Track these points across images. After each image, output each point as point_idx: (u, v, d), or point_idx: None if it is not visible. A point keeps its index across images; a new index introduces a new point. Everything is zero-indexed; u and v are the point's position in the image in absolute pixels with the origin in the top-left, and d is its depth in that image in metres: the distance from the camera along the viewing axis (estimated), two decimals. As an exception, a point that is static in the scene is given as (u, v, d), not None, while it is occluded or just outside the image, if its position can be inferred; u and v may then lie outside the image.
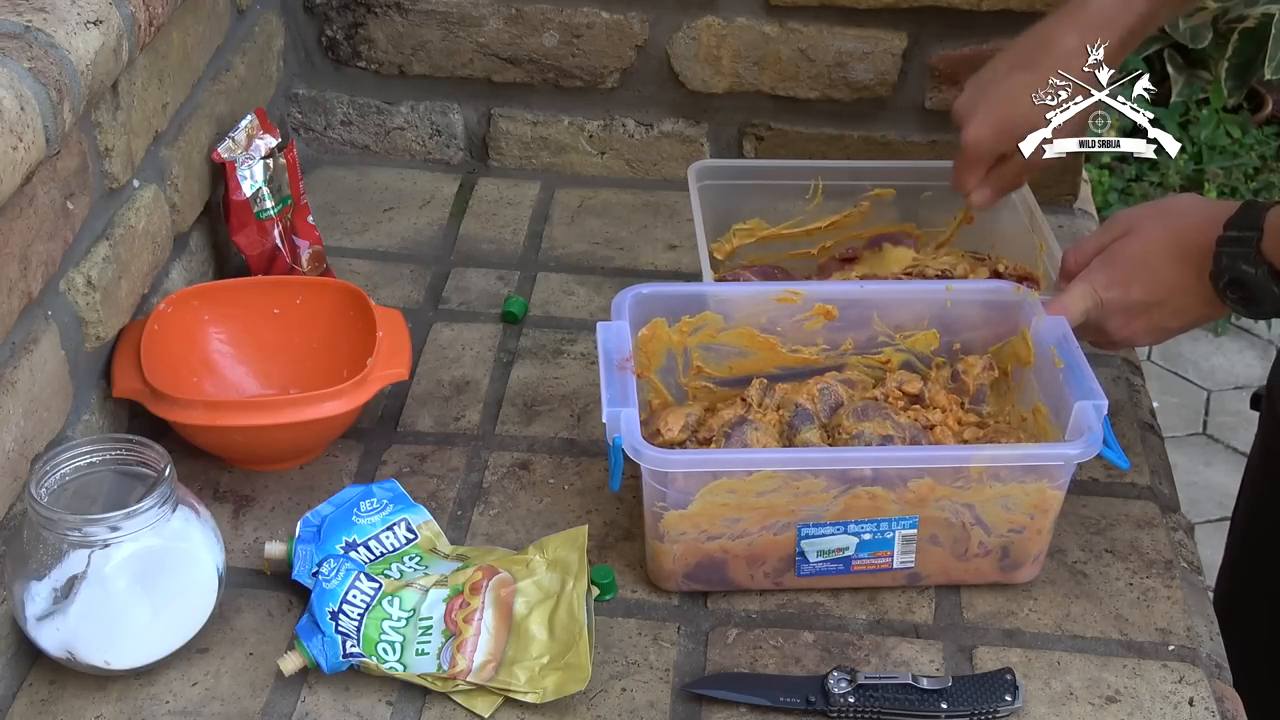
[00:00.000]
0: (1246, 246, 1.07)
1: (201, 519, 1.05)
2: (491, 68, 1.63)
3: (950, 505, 1.07)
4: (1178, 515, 1.22)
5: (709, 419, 1.16)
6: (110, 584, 0.99)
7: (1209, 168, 3.42)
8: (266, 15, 1.56)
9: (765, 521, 1.07)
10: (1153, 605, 1.12)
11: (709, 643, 1.08)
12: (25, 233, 1.03)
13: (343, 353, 1.24)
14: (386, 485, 1.17)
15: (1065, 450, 1.06)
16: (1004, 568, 1.12)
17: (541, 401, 1.32)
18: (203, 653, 1.06)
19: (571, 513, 1.19)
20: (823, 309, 1.21)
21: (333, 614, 1.03)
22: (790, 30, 1.57)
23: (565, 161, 1.68)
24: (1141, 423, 1.31)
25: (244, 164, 1.36)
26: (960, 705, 1.01)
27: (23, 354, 1.04)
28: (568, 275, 1.50)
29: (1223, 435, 2.97)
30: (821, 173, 1.43)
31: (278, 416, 1.17)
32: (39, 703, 1.03)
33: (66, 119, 1.02)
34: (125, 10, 1.12)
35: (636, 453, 1.04)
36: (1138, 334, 1.17)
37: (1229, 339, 3.21)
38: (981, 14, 1.52)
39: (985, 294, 1.22)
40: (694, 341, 1.21)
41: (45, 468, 1.01)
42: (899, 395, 1.19)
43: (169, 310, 1.24)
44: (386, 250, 1.54)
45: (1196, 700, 1.04)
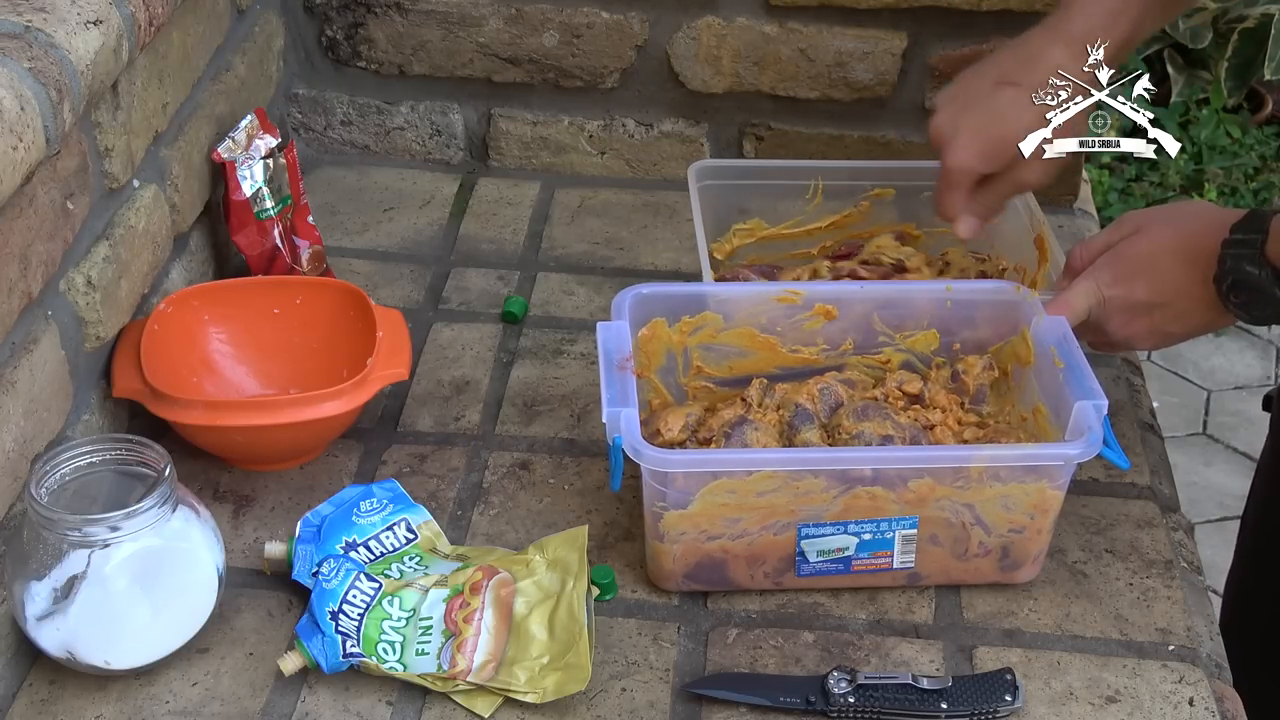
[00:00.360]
0: (1251, 249, 1.08)
1: (201, 519, 1.05)
2: (491, 68, 1.63)
3: (950, 505, 1.07)
4: (1178, 515, 1.22)
5: (709, 419, 1.16)
6: (110, 584, 0.99)
7: (1209, 168, 3.42)
8: (266, 15, 1.56)
9: (765, 521, 1.07)
10: (1153, 605, 1.12)
11: (709, 643, 1.08)
12: (25, 233, 1.03)
13: (343, 353, 1.24)
14: (386, 485, 1.17)
15: (1065, 450, 1.06)
16: (1004, 568, 1.12)
17: (541, 401, 1.32)
18: (203, 653, 1.06)
19: (571, 513, 1.19)
20: (823, 309, 1.21)
21: (333, 614, 1.03)
22: (790, 30, 1.57)
23: (565, 161, 1.68)
24: (1141, 423, 1.31)
25: (244, 164, 1.36)
26: (960, 705, 1.01)
27: (23, 354, 1.04)
28: (568, 275, 1.50)
29: (1223, 435, 2.97)
30: (821, 173, 1.43)
31: (278, 416, 1.17)
32: (39, 703, 1.03)
33: (66, 119, 1.02)
34: (125, 10, 1.12)
35: (636, 453, 1.04)
36: (1137, 335, 1.17)
37: (1229, 339, 3.21)
38: (981, 14, 1.52)
39: (985, 294, 1.22)
40: (694, 341, 1.21)
41: (45, 468, 1.01)
42: (899, 395, 1.19)
43: (169, 310, 1.24)
44: (386, 250, 1.54)
45: (1196, 700, 1.04)
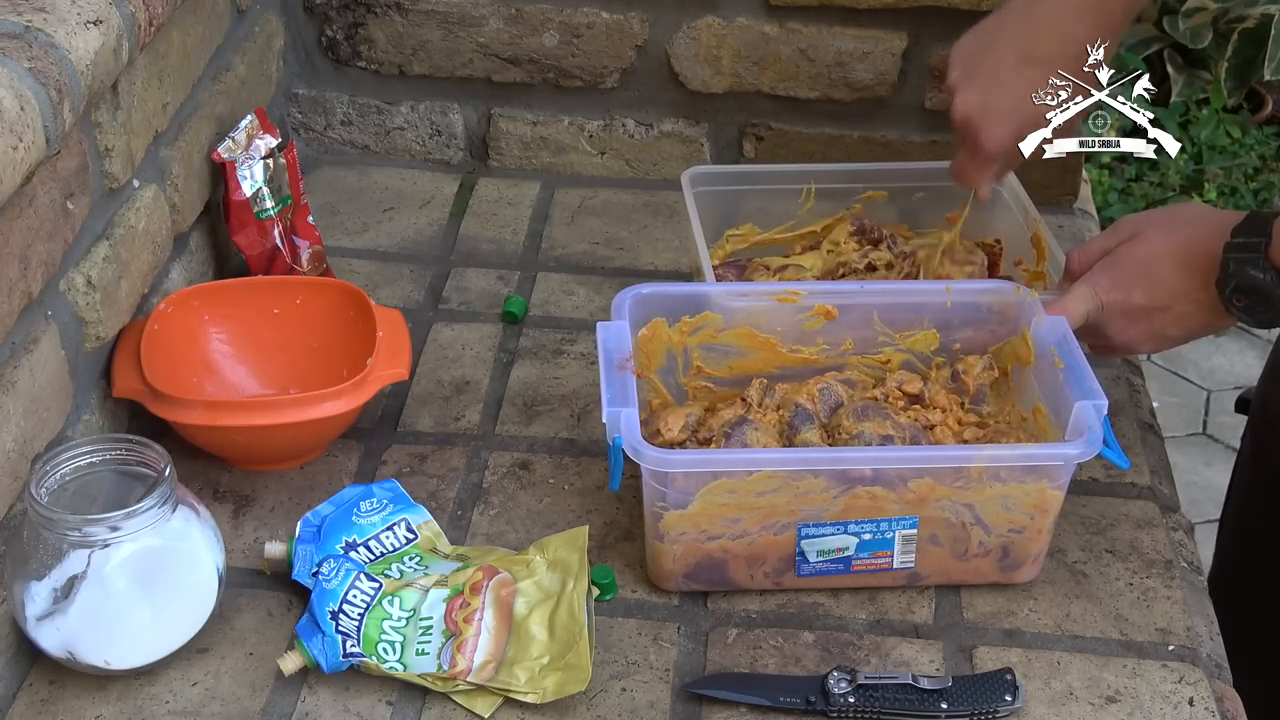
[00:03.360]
0: (1254, 252, 1.07)
1: (201, 519, 1.05)
2: (491, 68, 1.63)
3: (950, 505, 1.07)
4: (1178, 515, 1.22)
5: (709, 419, 1.16)
6: (110, 584, 0.99)
7: (1209, 168, 3.42)
8: (266, 15, 1.56)
9: (765, 521, 1.07)
10: (1153, 605, 1.12)
11: (709, 643, 1.08)
12: (25, 233, 1.03)
13: (343, 353, 1.24)
14: (386, 485, 1.17)
15: (1065, 450, 1.06)
16: (1004, 568, 1.12)
17: (541, 401, 1.32)
18: (203, 653, 1.06)
19: (571, 513, 1.19)
20: (823, 309, 1.21)
21: (333, 614, 1.03)
22: (790, 30, 1.57)
23: (565, 161, 1.68)
24: (1141, 423, 1.31)
25: (244, 164, 1.36)
26: (960, 705, 1.01)
27: (23, 354, 1.04)
28: (568, 275, 1.50)
29: (1223, 435, 2.97)
30: (814, 176, 1.43)
31: (278, 416, 1.17)
32: (39, 703, 1.03)
33: (66, 119, 1.02)
34: (125, 10, 1.12)
35: (637, 453, 1.04)
36: (1137, 340, 1.17)
37: (1229, 339, 3.21)
38: (982, 14, 1.50)
39: (985, 294, 1.22)
40: (694, 341, 1.21)
41: (45, 468, 1.01)
42: (899, 395, 1.19)
43: (169, 310, 1.24)
44: (386, 250, 1.54)
45: (1196, 700, 1.04)
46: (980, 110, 1.21)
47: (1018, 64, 1.19)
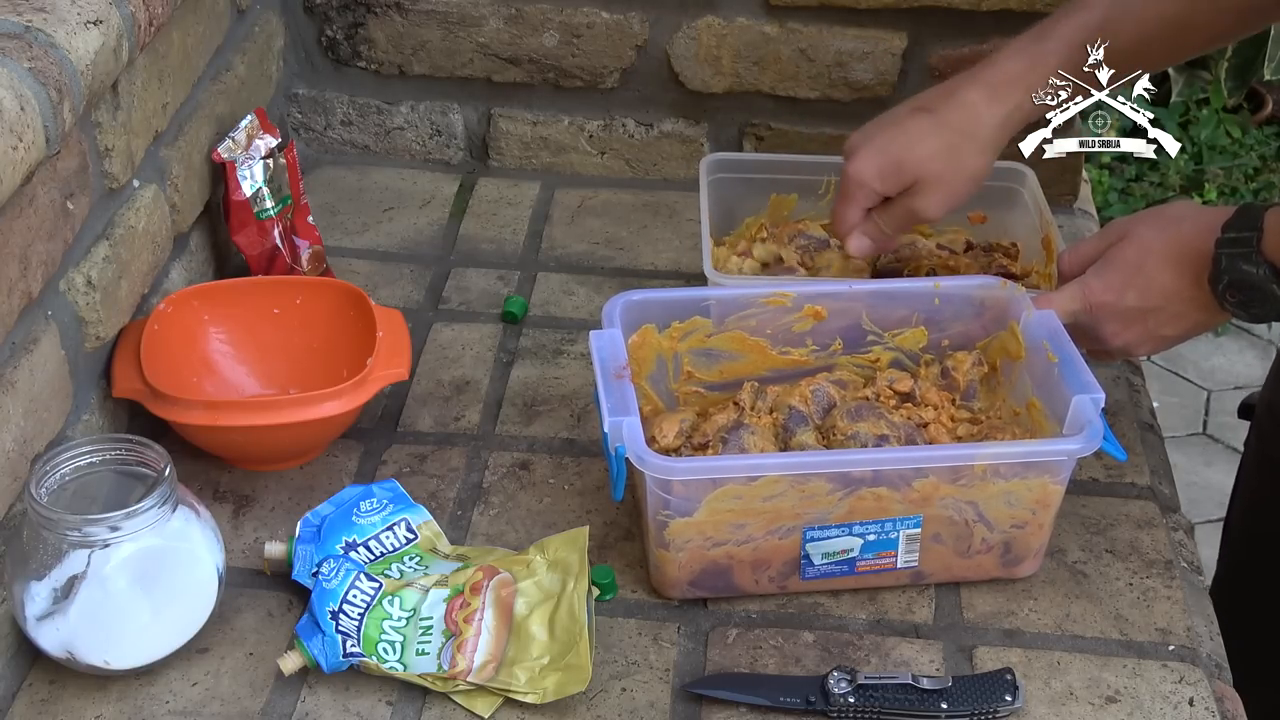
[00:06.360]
0: (1246, 247, 1.07)
1: (201, 519, 1.05)
2: (491, 68, 1.63)
3: (954, 503, 1.07)
4: (1178, 515, 1.22)
5: (702, 424, 1.16)
6: (110, 584, 0.99)
7: (1209, 168, 3.42)
8: (266, 15, 1.56)
9: (771, 526, 1.07)
10: (1153, 605, 1.12)
11: (709, 643, 1.08)
12: (25, 233, 1.03)
13: (343, 353, 1.24)
14: (386, 485, 1.17)
15: (1068, 445, 1.06)
16: (1006, 563, 1.12)
17: (541, 401, 1.32)
18: (203, 653, 1.06)
19: (571, 513, 1.19)
20: (812, 310, 1.21)
21: (333, 614, 1.03)
22: (790, 30, 1.57)
23: (565, 161, 1.68)
24: (1141, 423, 1.31)
25: (244, 164, 1.36)
26: (960, 705, 1.01)
27: (23, 354, 1.04)
28: (568, 275, 1.50)
29: (1223, 435, 2.97)
30: (833, 169, 1.42)
31: (278, 416, 1.17)
32: (39, 703, 1.03)
33: (66, 119, 1.02)
34: (125, 10, 1.12)
35: (641, 462, 1.03)
36: (1133, 342, 1.17)
37: (1229, 339, 3.21)
38: (981, 14, 1.52)
39: (972, 289, 1.22)
40: (684, 346, 1.21)
41: (45, 468, 1.01)
42: (890, 394, 1.19)
43: (169, 310, 1.24)
44: (386, 250, 1.54)
45: (1196, 700, 1.04)
46: (858, 143, 1.23)
47: (908, 112, 1.22)
